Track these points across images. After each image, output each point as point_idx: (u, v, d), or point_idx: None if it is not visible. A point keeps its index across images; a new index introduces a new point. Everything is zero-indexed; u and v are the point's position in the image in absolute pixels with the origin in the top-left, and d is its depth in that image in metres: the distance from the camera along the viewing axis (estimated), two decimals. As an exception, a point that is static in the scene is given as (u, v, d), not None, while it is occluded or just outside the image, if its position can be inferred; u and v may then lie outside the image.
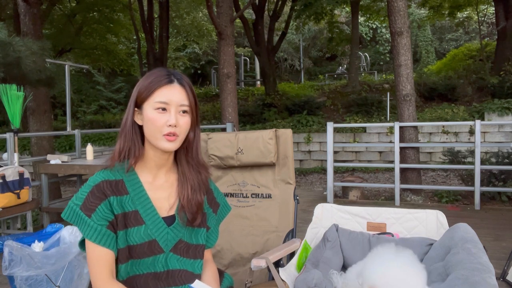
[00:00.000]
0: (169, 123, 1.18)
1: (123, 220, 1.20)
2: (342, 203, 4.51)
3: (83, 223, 1.16)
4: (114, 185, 1.21)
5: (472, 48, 13.41)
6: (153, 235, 1.23)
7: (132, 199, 1.22)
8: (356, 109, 10.19)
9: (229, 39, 6.22)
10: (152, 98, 1.20)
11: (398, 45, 5.66)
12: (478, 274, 1.41)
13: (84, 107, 13.43)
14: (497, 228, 4.21)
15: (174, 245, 1.27)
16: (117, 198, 1.20)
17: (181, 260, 1.28)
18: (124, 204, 1.21)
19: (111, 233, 1.18)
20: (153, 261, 1.23)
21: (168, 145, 1.20)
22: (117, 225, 1.20)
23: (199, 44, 17.30)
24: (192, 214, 1.29)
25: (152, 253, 1.23)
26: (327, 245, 1.94)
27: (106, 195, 1.18)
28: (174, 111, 1.19)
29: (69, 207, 1.19)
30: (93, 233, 1.15)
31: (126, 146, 1.23)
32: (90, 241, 1.16)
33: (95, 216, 1.16)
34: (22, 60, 4.09)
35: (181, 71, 1.29)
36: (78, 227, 1.18)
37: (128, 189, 1.22)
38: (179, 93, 1.21)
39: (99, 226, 1.16)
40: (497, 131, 8.26)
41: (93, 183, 1.19)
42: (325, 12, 11.79)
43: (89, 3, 10.09)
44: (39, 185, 4.67)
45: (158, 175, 1.29)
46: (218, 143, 2.33)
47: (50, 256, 2.15)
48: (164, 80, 1.20)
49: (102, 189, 1.18)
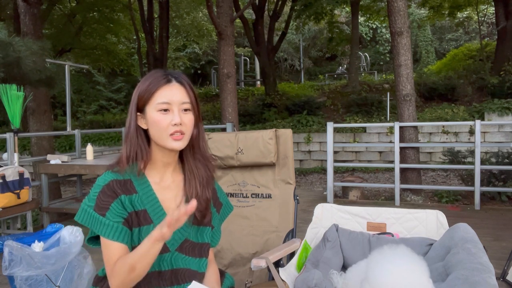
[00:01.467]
0: (173, 122, 1.19)
1: (136, 218, 1.21)
2: (342, 203, 4.51)
3: (99, 223, 1.17)
4: (123, 184, 1.22)
5: (472, 48, 13.41)
6: None
7: (141, 198, 1.23)
8: (356, 109, 10.19)
9: (229, 39, 6.22)
10: (153, 101, 1.20)
11: (398, 45, 5.66)
12: (478, 274, 1.41)
13: (84, 107, 13.43)
14: (497, 228, 4.21)
15: (180, 244, 1.27)
16: (127, 197, 1.21)
17: (186, 259, 1.28)
18: (133, 203, 1.22)
19: (127, 229, 1.19)
20: (158, 260, 1.23)
21: (176, 144, 1.21)
22: (132, 222, 1.21)
23: (199, 44, 17.30)
24: (201, 211, 1.29)
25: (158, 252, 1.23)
26: (327, 245, 1.94)
27: (117, 194, 1.19)
28: (177, 110, 1.20)
29: (82, 209, 1.20)
30: (110, 230, 1.16)
31: (132, 151, 1.23)
32: (107, 239, 1.16)
33: (109, 214, 1.17)
34: (22, 60, 4.09)
35: (181, 71, 1.28)
36: (93, 229, 1.18)
37: (137, 188, 1.23)
38: (179, 92, 1.22)
39: (115, 224, 1.17)
40: (497, 131, 8.26)
41: (102, 183, 1.20)
42: (325, 12, 11.80)
43: (89, 3, 10.09)
44: (39, 185, 4.67)
45: (165, 175, 1.29)
46: (218, 143, 2.33)
47: (50, 256, 2.15)
48: (162, 81, 1.21)
49: (112, 188, 1.19)
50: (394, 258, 1.60)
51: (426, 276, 1.52)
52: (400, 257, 1.59)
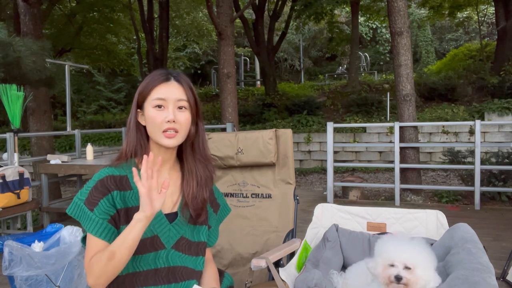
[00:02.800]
0: (167, 119, 1.20)
1: (125, 215, 1.21)
2: (342, 203, 4.51)
3: (86, 217, 1.17)
4: (118, 180, 1.22)
5: (472, 48, 13.41)
6: (155, 231, 1.24)
7: (136, 195, 1.23)
8: (356, 109, 10.18)
9: (229, 39, 6.22)
10: (150, 97, 1.22)
11: (398, 45, 5.66)
12: (478, 274, 1.41)
13: (84, 107, 13.42)
14: (497, 228, 4.21)
15: (176, 241, 1.27)
16: (120, 193, 1.21)
17: (182, 257, 1.28)
18: (127, 199, 1.22)
19: (112, 227, 1.18)
20: (154, 257, 1.23)
21: (168, 142, 1.22)
22: (119, 220, 1.20)
23: (199, 44, 17.30)
24: (196, 211, 1.30)
25: (154, 248, 1.23)
26: (327, 245, 1.94)
27: (109, 190, 1.19)
28: (172, 107, 1.21)
29: (74, 202, 1.21)
30: (94, 226, 1.16)
31: (131, 145, 1.26)
32: (91, 235, 1.17)
33: (97, 210, 1.17)
34: (22, 60, 4.09)
35: (181, 71, 1.29)
36: (81, 222, 1.19)
37: (132, 185, 1.24)
38: (176, 89, 1.23)
39: (100, 220, 1.17)
40: (497, 131, 8.26)
41: (97, 178, 1.21)
42: (325, 12, 11.80)
43: (89, 3, 10.08)
44: (39, 185, 4.67)
45: (162, 172, 1.29)
46: (218, 143, 2.33)
47: (50, 256, 2.15)
48: (161, 78, 1.24)
49: (105, 183, 1.20)
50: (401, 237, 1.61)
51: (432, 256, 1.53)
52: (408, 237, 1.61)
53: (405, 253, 1.50)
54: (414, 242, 1.57)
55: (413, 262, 1.48)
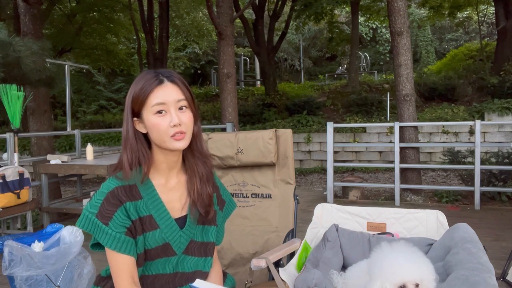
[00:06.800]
0: (172, 123, 1.16)
1: (140, 225, 1.19)
2: (342, 203, 4.51)
3: (101, 232, 1.14)
4: (128, 190, 1.19)
5: (472, 48, 13.41)
6: (167, 239, 1.23)
7: (146, 204, 1.21)
8: (356, 109, 10.18)
9: (229, 39, 6.22)
10: (148, 104, 1.17)
11: (398, 45, 5.66)
12: (478, 274, 1.41)
13: (84, 107, 13.43)
14: (497, 228, 4.20)
15: (186, 246, 1.27)
16: (132, 204, 1.18)
17: (192, 260, 1.28)
18: (139, 209, 1.20)
19: (130, 239, 1.16)
20: (164, 262, 1.23)
21: (179, 144, 1.18)
22: (135, 231, 1.18)
23: (199, 44, 17.29)
24: (204, 207, 1.29)
25: (165, 255, 1.23)
26: (327, 245, 1.94)
27: (121, 201, 1.16)
28: (174, 110, 1.17)
29: (84, 216, 1.16)
30: (112, 241, 1.14)
31: (134, 157, 1.20)
32: (110, 249, 1.15)
33: (112, 224, 1.14)
34: (22, 60, 4.09)
35: (181, 71, 1.27)
36: (96, 236, 1.15)
37: (142, 193, 1.21)
38: (173, 91, 1.18)
39: (118, 234, 1.14)
40: (497, 131, 8.26)
41: (107, 190, 1.17)
42: (325, 12, 11.78)
43: (89, 3, 10.09)
44: (39, 185, 4.67)
45: (170, 176, 1.28)
46: (218, 143, 2.33)
47: (50, 256, 2.15)
48: (154, 83, 1.17)
49: (117, 195, 1.16)
50: (396, 247, 1.60)
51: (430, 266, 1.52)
52: (402, 247, 1.59)
53: (412, 270, 1.47)
54: (413, 253, 1.55)
55: (421, 277, 1.47)
